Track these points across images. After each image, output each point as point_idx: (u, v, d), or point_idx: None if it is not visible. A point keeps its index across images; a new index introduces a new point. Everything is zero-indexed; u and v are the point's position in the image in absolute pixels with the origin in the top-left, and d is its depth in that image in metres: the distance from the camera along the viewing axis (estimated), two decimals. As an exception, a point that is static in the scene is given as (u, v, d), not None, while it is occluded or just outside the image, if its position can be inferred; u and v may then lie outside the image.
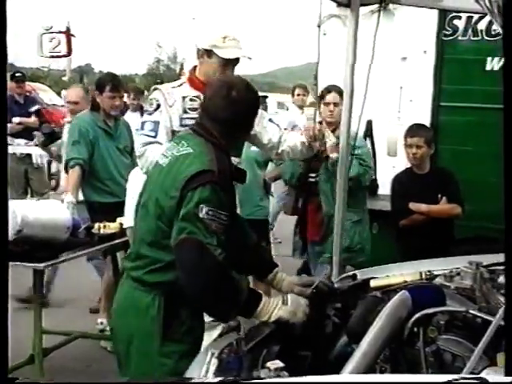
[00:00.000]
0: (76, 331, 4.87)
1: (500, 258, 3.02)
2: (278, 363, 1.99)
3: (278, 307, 2.42)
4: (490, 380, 1.61)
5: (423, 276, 2.78)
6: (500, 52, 5.30)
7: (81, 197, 5.10)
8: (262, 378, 1.92)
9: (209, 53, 3.55)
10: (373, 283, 2.81)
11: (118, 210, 4.82)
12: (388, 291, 2.67)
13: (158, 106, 3.59)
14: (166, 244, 2.48)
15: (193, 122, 3.44)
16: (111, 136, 5.23)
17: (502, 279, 2.59)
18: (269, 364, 2.00)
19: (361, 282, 2.91)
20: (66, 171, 5.14)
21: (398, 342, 2.22)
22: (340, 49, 5.62)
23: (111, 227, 4.48)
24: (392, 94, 5.62)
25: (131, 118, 6.61)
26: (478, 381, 1.43)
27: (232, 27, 3.75)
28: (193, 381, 1.93)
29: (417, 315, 2.20)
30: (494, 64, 5.37)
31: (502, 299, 2.37)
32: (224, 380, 1.81)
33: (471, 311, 2.19)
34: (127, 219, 4.31)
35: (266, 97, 13.08)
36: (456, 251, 4.51)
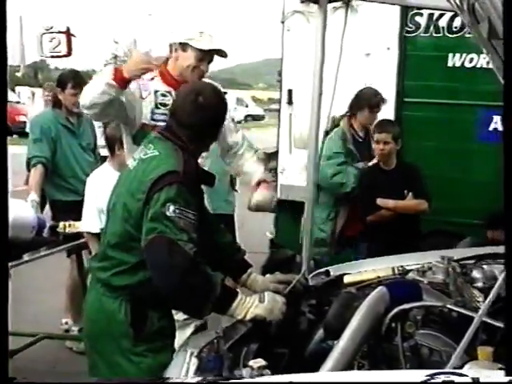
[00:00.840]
0: (41, 332, 4.78)
1: (468, 252, 3.10)
2: (261, 361, 1.98)
3: (254, 305, 2.40)
4: (474, 374, 1.63)
5: (396, 271, 2.81)
6: (461, 48, 5.39)
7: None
8: (243, 377, 1.90)
9: (184, 46, 3.50)
10: (346, 279, 2.83)
11: (82, 208, 4.75)
12: (362, 287, 2.70)
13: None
14: (133, 246, 2.50)
15: (163, 117, 3.41)
16: (74, 133, 5.15)
17: (474, 273, 2.63)
18: (251, 363, 1.98)
19: (334, 279, 2.92)
20: (29, 169, 5.04)
21: (376, 338, 2.23)
22: (304, 45, 5.66)
23: (76, 226, 4.41)
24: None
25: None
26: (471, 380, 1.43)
27: (191, 22, 3.73)
28: (174, 380, 1.90)
29: (395, 310, 2.22)
30: (456, 60, 5.44)
31: (476, 293, 2.41)
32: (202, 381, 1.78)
33: (449, 306, 2.21)
34: (85, 224, 4.29)
35: (225, 93, 13.10)
36: (422, 245, 4.59)
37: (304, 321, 2.64)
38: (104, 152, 6.26)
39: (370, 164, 4.75)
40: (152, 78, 3.62)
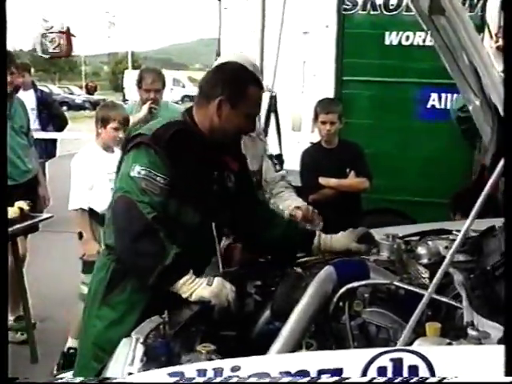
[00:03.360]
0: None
1: (412, 228, 3.14)
2: (210, 346, 1.95)
3: (201, 286, 2.36)
4: (424, 350, 1.64)
5: (341, 250, 2.80)
6: (398, 26, 5.44)
7: None
8: (192, 362, 1.87)
9: None
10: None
11: (16, 193, 4.61)
12: (308, 266, 2.69)
13: None
14: None
15: None
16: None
17: (419, 250, 2.65)
18: (199, 347, 1.95)
19: (279, 259, 2.89)
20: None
21: (324, 317, 2.22)
22: (242, 23, 5.62)
23: (10, 212, 4.27)
24: (295, 69, 5.64)
25: (25, 96, 6.29)
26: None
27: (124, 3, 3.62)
28: (116, 380, 1.84)
29: (342, 289, 2.22)
30: (393, 38, 5.49)
31: (422, 269, 2.43)
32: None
33: (396, 283, 2.22)
34: (73, 201, 4.24)
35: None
36: (363, 223, 4.63)
37: (250, 302, 2.62)
38: (38, 135, 6.08)
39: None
40: None
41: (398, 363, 1.60)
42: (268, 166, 3.66)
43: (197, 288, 2.36)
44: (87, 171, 4.19)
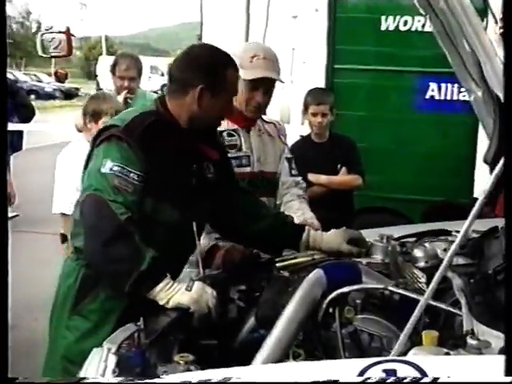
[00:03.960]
0: None
1: (408, 229, 3.14)
2: (188, 356, 1.94)
3: (179, 292, 2.35)
4: (419, 360, 1.64)
5: (332, 252, 2.80)
6: (395, 10, 5.44)
7: None
8: (169, 373, 1.86)
9: None
10: (279, 263, 2.80)
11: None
12: (296, 270, 2.68)
13: None
14: None
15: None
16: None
17: (416, 252, 2.65)
18: (177, 358, 1.95)
19: (265, 262, 2.89)
20: None
21: (313, 325, 2.22)
22: (225, 6, 5.61)
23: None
24: (283, 56, 5.62)
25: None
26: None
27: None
28: (90, 380, 1.84)
29: (333, 294, 2.21)
30: (389, 23, 5.49)
31: (418, 273, 2.44)
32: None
33: (390, 288, 2.22)
34: (58, 204, 4.19)
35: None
36: (356, 222, 4.64)
37: (233, 308, 2.61)
38: (9, 126, 6.03)
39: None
40: None
41: (391, 374, 1.60)
42: (283, 167, 3.64)
43: (174, 294, 2.35)
44: (73, 170, 4.06)
